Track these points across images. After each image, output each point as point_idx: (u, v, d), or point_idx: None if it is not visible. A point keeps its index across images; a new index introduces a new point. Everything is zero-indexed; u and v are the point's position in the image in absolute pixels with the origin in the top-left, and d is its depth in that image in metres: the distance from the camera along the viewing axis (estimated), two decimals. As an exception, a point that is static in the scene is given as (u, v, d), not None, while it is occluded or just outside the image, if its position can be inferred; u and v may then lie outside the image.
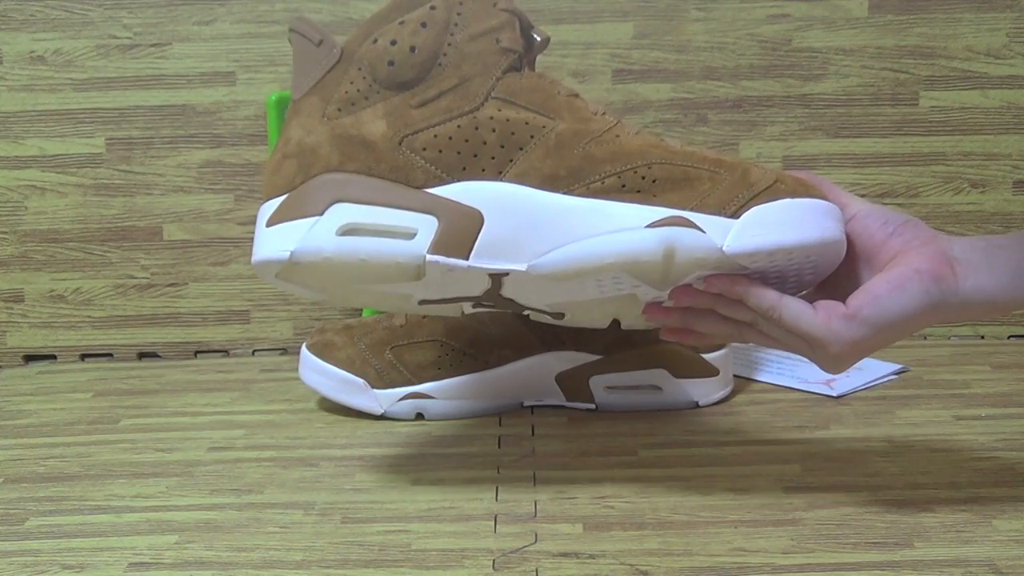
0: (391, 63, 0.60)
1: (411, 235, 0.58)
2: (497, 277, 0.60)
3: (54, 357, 1.00)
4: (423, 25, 0.60)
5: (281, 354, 0.99)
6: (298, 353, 0.83)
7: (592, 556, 0.56)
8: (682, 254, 0.57)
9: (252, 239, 0.98)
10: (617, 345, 0.78)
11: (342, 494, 0.66)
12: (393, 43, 0.60)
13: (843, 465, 0.68)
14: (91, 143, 0.97)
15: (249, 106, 0.97)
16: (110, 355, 1.00)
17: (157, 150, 0.98)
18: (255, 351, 1.00)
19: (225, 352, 1.00)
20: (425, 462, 0.71)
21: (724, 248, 0.57)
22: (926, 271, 0.56)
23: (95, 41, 0.96)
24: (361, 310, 0.96)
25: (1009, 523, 0.59)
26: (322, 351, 0.80)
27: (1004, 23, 0.96)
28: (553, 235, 0.58)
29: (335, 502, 0.65)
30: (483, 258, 0.58)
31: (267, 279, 0.62)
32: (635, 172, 0.59)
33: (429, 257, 0.58)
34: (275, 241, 0.59)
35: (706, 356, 0.79)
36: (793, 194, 0.58)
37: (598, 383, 0.79)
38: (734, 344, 0.85)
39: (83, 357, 1.00)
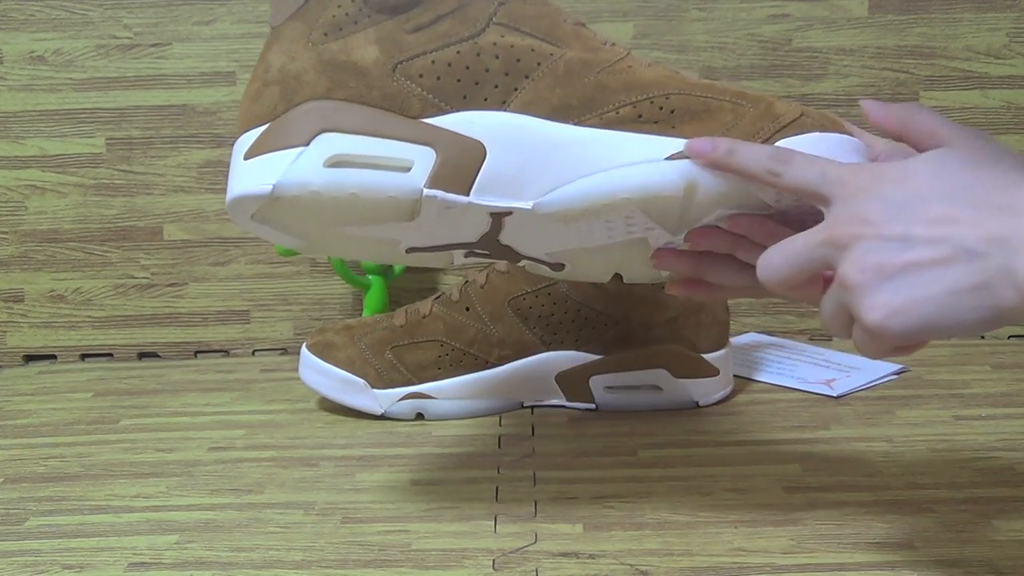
0: None
1: (407, 168, 0.53)
2: (498, 218, 0.56)
3: (54, 357, 1.00)
4: None
5: (281, 354, 0.99)
6: (298, 353, 0.83)
7: (592, 556, 0.56)
8: (704, 190, 0.53)
9: (252, 237, 0.98)
10: (617, 345, 0.78)
11: (342, 494, 0.66)
12: None
13: (843, 465, 0.68)
14: (91, 143, 0.98)
15: (249, 106, 0.97)
16: (110, 355, 1.00)
17: (157, 150, 0.98)
18: (255, 351, 1.00)
19: (225, 352, 1.00)
20: (425, 462, 0.71)
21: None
22: None
23: (95, 41, 0.96)
24: (361, 310, 0.96)
25: (1009, 523, 0.59)
26: (322, 351, 0.80)
27: (1004, 23, 0.96)
28: (562, 170, 0.54)
29: (335, 502, 0.65)
30: (485, 194, 0.54)
31: (241, 222, 0.56)
32: (651, 102, 0.55)
33: (426, 191, 0.53)
34: (254, 174, 0.53)
35: (706, 356, 0.79)
36: (821, 128, 0.55)
37: (598, 383, 0.79)
38: (734, 344, 0.85)
39: (83, 357, 1.00)
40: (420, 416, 0.79)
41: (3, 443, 0.77)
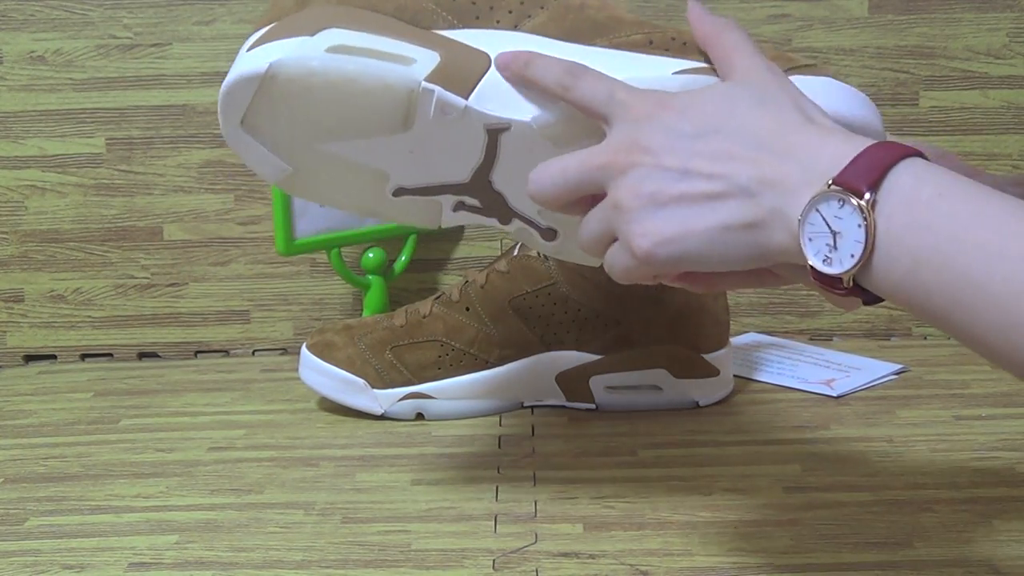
0: None
1: (409, 62, 0.52)
2: (494, 137, 0.54)
3: (54, 357, 1.00)
4: None
5: (281, 354, 0.99)
6: (298, 353, 0.83)
7: (592, 556, 0.56)
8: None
9: (252, 237, 0.98)
10: (617, 345, 0.78)
11: (342, 494, 0.66)
12: None
13: (843, 465, 0.68)
14: (91, 143, 0.97)
15: (249, 106, 0.97)
16: (110, 355, 1.00)
17: (157, 150, 0.98)
18: (255, 351, 1.00)
19: (225, 352, 1.00)
20: (425, 462, 0.71)
21: None
22: None
23: (95, 41, 0.96)
24: (361, 310, 0.96)
25: (1009, 523, 0.59)
26: (322, 351, 0.80)
27: (1004, 23, 0.96)
28: None
29: (335, 502, 0.65)
30: (485, 101, 0.53)
31: (231, 129, 0.55)
32: (664, 34, 0.55)
33: (425, 84, 0.52)
34: (254, 58, 0.52)
35: (706, 356, 0.79)
36: (836, 77, 0.55)
37: (598, 383, 0.79)
38: (734, 344, 0.85)
39: (83, 357, 1.00)
40: (420, 416, 0.79)
41: (3, 443, 0.77)
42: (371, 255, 0.93)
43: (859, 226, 0.42)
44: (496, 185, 0.57)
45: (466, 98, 0.52)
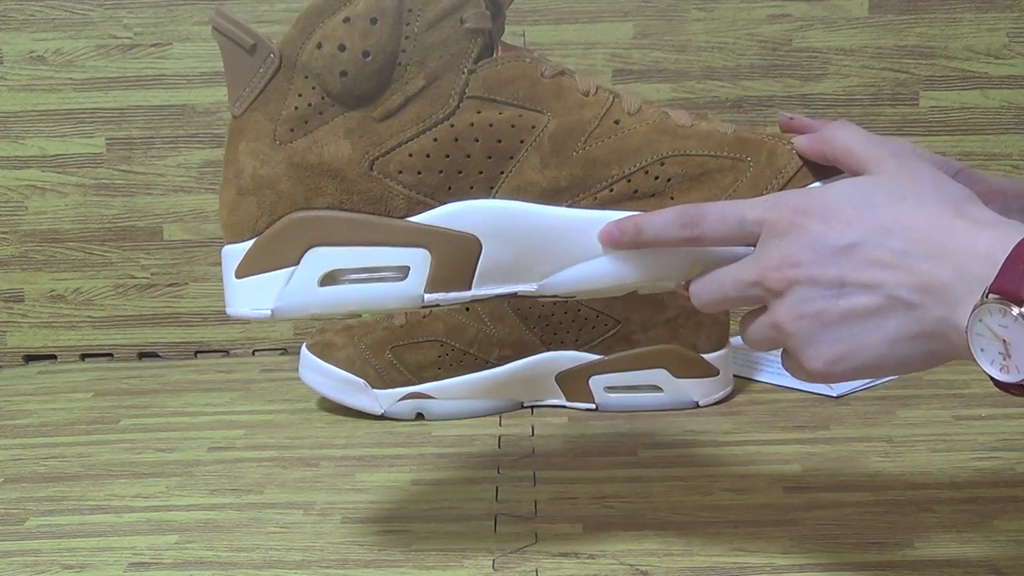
0: (343, 74, 0.51)
1: (403, 274, 0.52)
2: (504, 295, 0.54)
3: (54, 357, 1.00)
4: (373, 21, 0.50)
5: (281, 354, 0.99)
6: (298, 353, 0.83)
7: (592, 556, 0.56)
8: (713, 265, 0.51)
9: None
10: (617, 345, 0.78)
11: (342, 494, 0.66)
12: (342, 48, 0.51)
13: (843, 465, 0.68)
14: (91, 143, 0.97)
15: (249, 106, 0.97)
16: (110, 355, 1.00)
17: (157, 150, 0.98)
18: (255, 351, 1.00)
19: (225, 352, 1.00)
20: (425, 462, 0.71)
21: None
22: None
23: (95, 41, 0.96)
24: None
25: (1009, 523, 0.59)
26: (322, 351, 0.80)
27: (1004, 23, 0.96)
28: (563, 254, 0.52)
29: (335, 502, 0.65)
30: (487, 285, 0.52)
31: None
32: (646, 173, 0.52)
33: (428, 296, 0.52)
34: (251, 297, 0.52)
35: (706, 356, 0.79)
36: (823, 176, 0.52)
37: (598, 383, 0.79)
38: (734, 344, 0.84)
39: (83, 357, 1.00)
40: (420, 416, 0.79)
41: (3, 443, 0.77)
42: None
43: None
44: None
45: (468, 289, 0.52)
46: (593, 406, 0.80)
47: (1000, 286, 0.41)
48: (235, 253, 0.53)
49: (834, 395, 0.81)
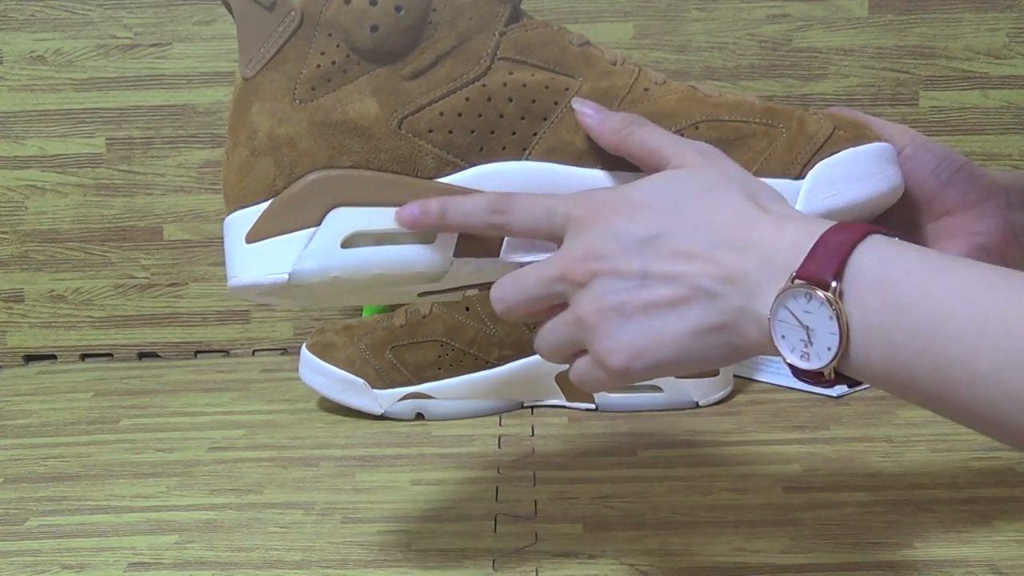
0: (374, 28, 0.49)
1: (430, 238, 0.50)
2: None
3: (54, 357, 1.00)
4: None
5: (281, 354, 0.99)
6: (298, 353, 0.83)
7: (592, 556, 0.56)
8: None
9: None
10: (617, 345, 0.78)
11: (342, 494, 0.66)
12: (373, 2, 0.49)
13: (843, 465, 0.68)
14: (91, 143, 0.98)
15: (249, 106, 0.97)
16: (110, 355, 1.00)
17: (157, 150, 0.98)
18: (255, 351, 1.00)
19: (225, 352, 1.00)
20: (425, 462, 0.71)
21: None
22: (992, 249, 0.53)
23: (95, 41, 0.96)
24: (361, 310, 0.96)
25: (1009, 523, 0.59)
26: (322, 351, 0.80)
27: (1004, 23, 0.96)
28: None
29: (335, 502, 0.65)
30: (517, 251, 0.51)
31: (247, 297, 0.53)
32: (681, 136, 0.51)
33: (456, 261, 0.50)
34: (264, 261, 0.50)
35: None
36: (854, 142, 0.52)
37: (598, 383, 0.79)
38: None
39: (83, 357, 1.00)
40: (420, 416, 0.79)
41: (3, 443, 0.77)
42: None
43: (830, 319, 0.41)
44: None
45: (497, 255, 0.51)
46: (593, 406, 0.80)
47: (806, 271, 0.41)
48: (245, 218, 0.50)
49: (834, 395, 0.81)
